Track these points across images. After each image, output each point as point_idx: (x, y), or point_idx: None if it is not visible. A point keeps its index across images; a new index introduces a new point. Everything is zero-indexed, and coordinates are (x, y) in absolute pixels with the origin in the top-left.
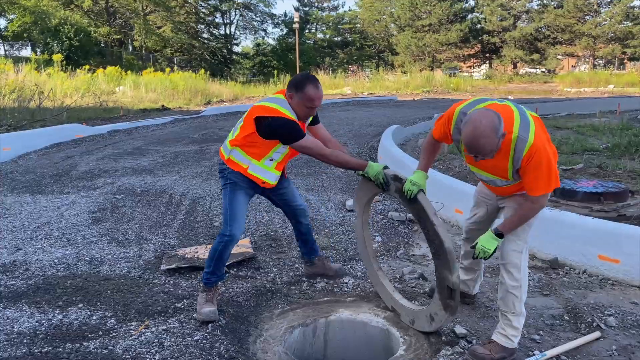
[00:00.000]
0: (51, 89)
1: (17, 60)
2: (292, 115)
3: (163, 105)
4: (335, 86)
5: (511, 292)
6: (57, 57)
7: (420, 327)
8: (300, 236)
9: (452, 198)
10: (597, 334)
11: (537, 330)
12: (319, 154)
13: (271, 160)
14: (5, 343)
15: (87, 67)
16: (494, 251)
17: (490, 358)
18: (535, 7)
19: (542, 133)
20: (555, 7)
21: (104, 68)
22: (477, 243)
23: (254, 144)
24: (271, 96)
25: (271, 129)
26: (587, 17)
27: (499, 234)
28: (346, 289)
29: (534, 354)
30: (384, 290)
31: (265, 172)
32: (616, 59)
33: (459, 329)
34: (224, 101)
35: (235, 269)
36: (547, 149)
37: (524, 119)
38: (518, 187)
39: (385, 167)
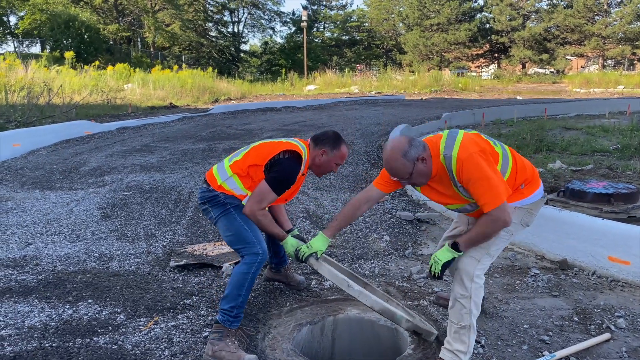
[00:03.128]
0: (60, 85)
1: (27, 57)
2: (303, 163)
3: (171, 103)
4: (343, 85)
5: (459, 300)
6: (69, 55)
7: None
8: (274, 248)
9: None
10: (606, 335)
11: (546, 331)
12: (258, 209)
13: None
14: (16, 337)
15: (96, 63)
16: (448, 264)
17: None
18: (545, 7)
19: (472, 144)
20: (564, 7)
21: (113, 65)
22: (432, 256)
23: (251, 177)
24: (296, 139)
25: (278, 163)
26: (597, 17)
27: (455, 246)
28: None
29: (544, 355)
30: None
31: None
32: (626, 59)
33: None
34: (231, 99)
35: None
36: (476, 157)
37: (450, 137)
38: None
39: (305, 244)
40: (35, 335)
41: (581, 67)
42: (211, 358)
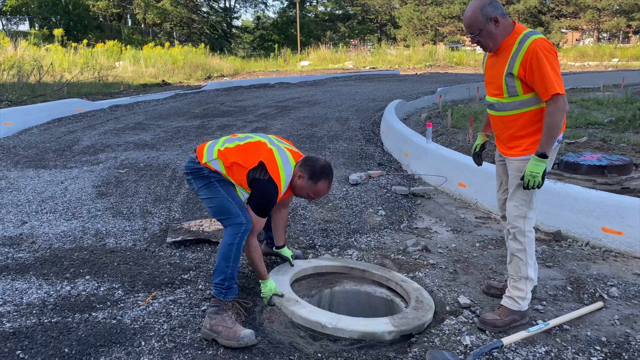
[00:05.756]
0: (50, 64)
1: (15, 35)
2: (284, 185)
3: (163, 80)
4: (337, 60)
5: (516, 255)
6: (58, 32)
7: None
8: (269, 223)
9: (455, 172)
10: (599, 304)
11: (540, 301)
12: (249, 238)
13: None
14: (15, 314)
15: (86, 41)
16: (544, 174)
17: (500, 323)
18: None
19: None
20: None
21: (103, 43)
22: (524, 173)
23: (234, 173)
24: (287, 153)
25: (257, 184)
26: None
27: (541, 155)
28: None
29: (537, 324)
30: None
31: (242, 191)
32: (621, 32)
33: (463, 299)
34: (224, 76)
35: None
36: (553, 50)
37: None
38: (514, 119)
39: (278, 295)
40: (34, 311)
41: (576, 40)
42: (209, 331)
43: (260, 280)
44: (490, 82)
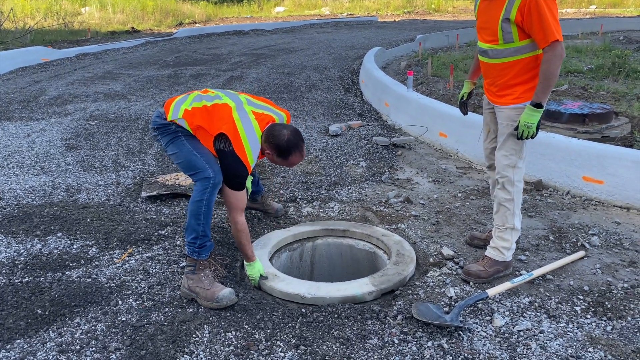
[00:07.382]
0: (11, 9)
1: None
2: (251, 160)
3: (133, 27)
4: (313, 6)
5: (503, 204)
6: None
7: None
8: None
9: (436, 121)
10: (581, 253)
11: (523, 251)
12: (233, 216)
13: None
14: None
15: None
16: (539, 124)
17: (485, 274)
18: None
19: None
20: None
21: None
22: (519, 123)
23: (201, 137)
24: (252, 123)
25: (223, 156)
26: None
27: (536, 105)
28: (332, 214)
29: (521, 274)
30: None
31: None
32: None
33: (447, 251)
34: (196, 22)
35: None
36: None
37: None
38: (508, 66)
39: (263, 277)
40: (4, 271)
41: None
42: (188, 291)
43: (245, 262)
44: (484, 27)
